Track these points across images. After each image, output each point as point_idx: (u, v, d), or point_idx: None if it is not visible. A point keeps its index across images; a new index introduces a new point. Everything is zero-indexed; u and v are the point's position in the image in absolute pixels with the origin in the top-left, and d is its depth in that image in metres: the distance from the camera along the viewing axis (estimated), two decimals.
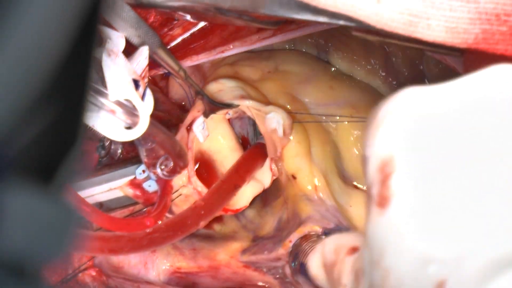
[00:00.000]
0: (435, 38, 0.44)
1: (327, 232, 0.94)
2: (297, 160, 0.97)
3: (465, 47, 0.44)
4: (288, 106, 0.97)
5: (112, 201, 0.88)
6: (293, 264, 0.92)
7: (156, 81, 1.02)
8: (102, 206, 0.88)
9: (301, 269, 0.90)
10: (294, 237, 0.94)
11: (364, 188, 0.98)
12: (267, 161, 0.98)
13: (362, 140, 0.93)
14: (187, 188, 0.93)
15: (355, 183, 0.99)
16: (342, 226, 0.95)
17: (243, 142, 1.04)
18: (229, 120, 1.01)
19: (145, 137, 0.76)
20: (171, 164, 0.84)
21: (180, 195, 0.93)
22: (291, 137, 0.97)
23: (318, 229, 0.94)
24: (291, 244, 0.94)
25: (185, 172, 0.90)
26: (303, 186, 0.97)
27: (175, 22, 0.78)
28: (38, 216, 0.28)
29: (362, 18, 0.44)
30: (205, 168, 0.99)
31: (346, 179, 0.99)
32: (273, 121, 0.94)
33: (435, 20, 0.43)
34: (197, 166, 0.96)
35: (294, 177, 0.98)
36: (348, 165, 0.98)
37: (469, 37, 0.43)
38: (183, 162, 0.85)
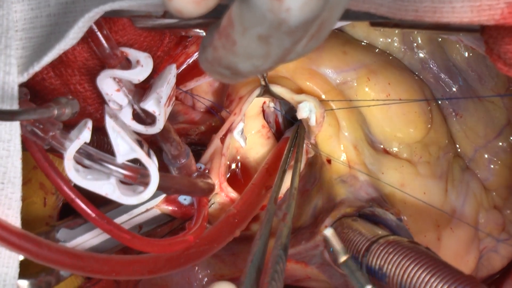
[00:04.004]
0: (462, 19, 0.45)
1: (361, 214, 0.95)
2: (331, 142, 0.98)
3: (494, 24, 0.45)
4: (308, 83, 0.97)
5: (150, 221, 0.89)
6: (331, 249, 0.93)
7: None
8: (142, 228, 0.89)
9: None
10: (328, 221, 0.95)
11: (393, 150, 0.99)
12: None
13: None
14: (220, 196, 0.94)
15: (383, 147, 1.00)
16: (374, 203, 0.96)
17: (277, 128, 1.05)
18: (263, 112, 1.02)
19: (164, 189, 0.76)
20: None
21: (213, 203, 0.94)
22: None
23: (351, 211, 0.95)
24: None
25: (216, 180, 0.92)
26: (338, 168, 0.98)
27: (189, 39, 0.79)
28: None
29: (385, 14, 0.45)
30: (241, 167, 1.00)
31: (375, 145, 1.00)
32: (305, 110, 0.95)
33: (458, 2, 0.44)
34: (228, 175, 0.97)
35: (328, 162, 0.99)
36: (375, 129, 0.99)
37: (496, 13, 0.44)
38: (209, 193, 0.87)
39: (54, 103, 0.68)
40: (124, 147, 0.70)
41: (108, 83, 0.71)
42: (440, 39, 0.96)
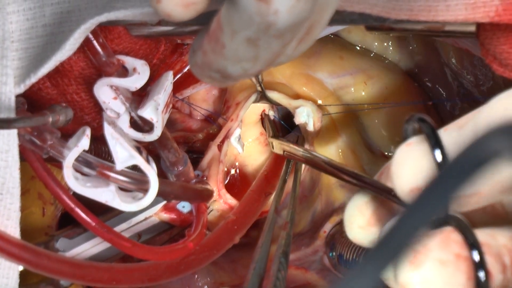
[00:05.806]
0: (457, 17, 0.45)
1: None
2: (328, 147, 0.98)
3: (489, 21, 0.45)
4: (304, 88, 0.97)
5: (150, 229, 0.89)
6: (331, 254, 0.93)
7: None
8: (141, 237, 0.89)
9: (340, 260, 0.91)
10: (327, 227, 0.94)
11: (391, 154, 0.99)
12: None
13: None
14: (219, 203, 0.94)
15: (381, 150, 1.00)
16: None
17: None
18: (262, 119, 1.02)
19: (163, 195, 0.76)
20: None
21: (212, 210, 0.94)
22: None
23: None
24: (325, 234, 0.95)
25: (215, 187, 0.91)
26: None
27: (185, 47, 0.79)
28: None
29: (380, 14, 0.46)
30: (239, 174, 1.00)
31: (373, 149, 1.00)
32: (303, 115, 0.95)
33: (453, 0, 0.44)
34: (227, 180, 0.97)
35: None
36: (373, 134, 0.99)
37: (490, 10, 0.44)
38: (208, 198, 0.87)
39: (49, 110, 0.68)
40: (123, 154, 0.70)
41: (105, 91, 0.71)
42: (435, 43, 0.96)
